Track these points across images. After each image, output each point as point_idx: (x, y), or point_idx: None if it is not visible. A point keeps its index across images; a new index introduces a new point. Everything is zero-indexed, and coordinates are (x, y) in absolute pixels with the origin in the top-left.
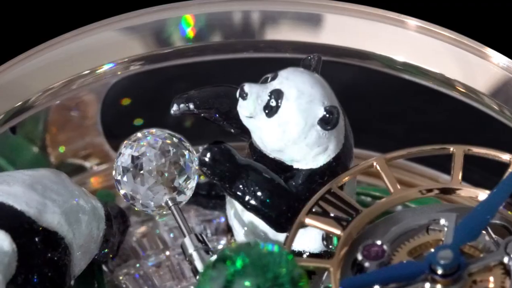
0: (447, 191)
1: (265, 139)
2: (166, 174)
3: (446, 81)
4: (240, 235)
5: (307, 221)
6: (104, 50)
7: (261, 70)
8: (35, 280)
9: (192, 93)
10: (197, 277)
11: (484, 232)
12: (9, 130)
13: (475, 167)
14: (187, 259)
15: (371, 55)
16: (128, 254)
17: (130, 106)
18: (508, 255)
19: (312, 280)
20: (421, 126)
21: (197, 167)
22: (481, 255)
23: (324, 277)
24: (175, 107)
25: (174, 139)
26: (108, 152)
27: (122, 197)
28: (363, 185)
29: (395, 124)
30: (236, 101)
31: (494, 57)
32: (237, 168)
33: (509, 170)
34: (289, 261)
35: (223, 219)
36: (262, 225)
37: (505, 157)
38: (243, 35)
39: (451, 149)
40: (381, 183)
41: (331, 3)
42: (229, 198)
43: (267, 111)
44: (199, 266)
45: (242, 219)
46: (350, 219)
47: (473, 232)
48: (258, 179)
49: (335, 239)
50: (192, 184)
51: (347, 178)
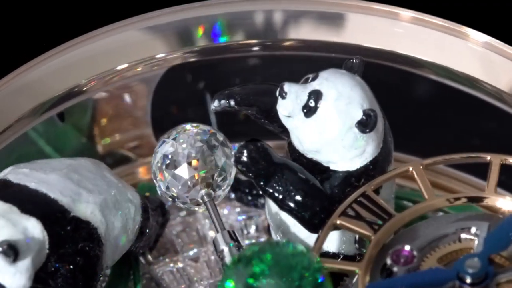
0: (475, 199)
1: (302, 139)
2: (203, 169)
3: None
4: (276, 233)
5: (339, 223)
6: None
7: (311, 70)
8: (65, 269)
9: (234, 90)
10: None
11: None
12: (57, 118)
13: None
14: (218, 255)
15: (399, 56)
16: (167, 247)
17: (180, 98)
18: None
19: (343, 282)
20: (472, 133)
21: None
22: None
23: (354, 280)
24: (216, 103)
25: (214, 134)
26: (155, 144)
27: (158, 190)
28: (407, 189)
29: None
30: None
31: None
32: (272, 167)
33: None
34: (313, 262)
35: (264, 216)
36: (296, 225)
37: None
38: (265, 34)
39: (488, 158)
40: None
41: (354, 2)
42: None
43: (305, 111)
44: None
45: (278, 218)
46: (382, 223)
47: (503, 242)
48: (293, 178)
49: (367, 243)
50: (229, 181)
51: (382, 182)
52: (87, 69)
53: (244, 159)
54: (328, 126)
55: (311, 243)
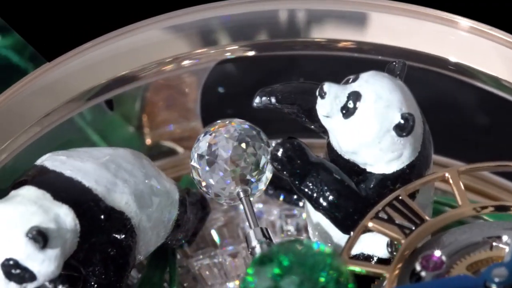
0: (502, 208)
1: (340, 139)
2: (241, 165)
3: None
4: (312, 233)
5: (371, 225)
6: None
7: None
8: (97, 258)
9: (275, 87)
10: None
11: None
12: (106, 107)
13: None
14: (250, 251)
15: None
16: (206, 242)
17: (230, 92)
18: None
19: (373, 285)
20: None
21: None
22: None
23: (385, 284)
24: (257, 100)
25: (253, 131)
26: None
27: (196, 183)
28: (449, 195)
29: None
30: None
31: None
32: (308, 166)
33: None
34: (336, 262)
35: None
36: (332, 225)
37: None
38: (288, 33)
39: None
40: (468, 195)
41: (376, 1)
42: None
43: (344, 112)
44: None
45: (315, 218)
46: (414, 227)
47: None
48: (328, 179)
49: (399, 247)
50: (266, 178)
51: (416, 186)
52: (138, 57)
53: (280, 157)
54: (366, 128)
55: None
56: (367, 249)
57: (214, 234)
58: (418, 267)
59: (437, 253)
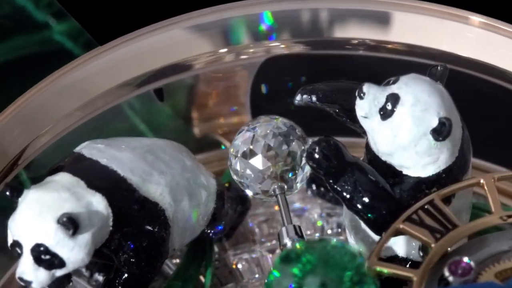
0: None
1: (377, 141)
2: (279, 162)
3: None
4: (349, 233)
5: (402, 227)
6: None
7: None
8: (129, 248)
9: (317, 86)
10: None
11: None
12: (156, 98)
13: None
14: (281, 248)
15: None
16: (245, 236)
17: (279, 89)
18: None
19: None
20: None
21: None
22: None
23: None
24: (298, 98)
25: (293, 128)
26: None
27: (233, 177)
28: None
29: None
30: None
31: None
32: (343, 165)
33: None
34: (360, 263)
35: None
36: (364, 226)
37: None
38: (311, 33)
39: None
40: (509, 202)
41: (400, 1)
42: None
43: (382, 113)
44: None
45: (352, 218)
46: (445, 232)
47: None
48: (362, 179)
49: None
50: (303, 176)
51: (451, 191)
52: (191, 47)
53: (316, 155)
54: (403, 131)
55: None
56: (402, 251)
57: (254, 229)
58: (446, 272)
59: (466, 259)
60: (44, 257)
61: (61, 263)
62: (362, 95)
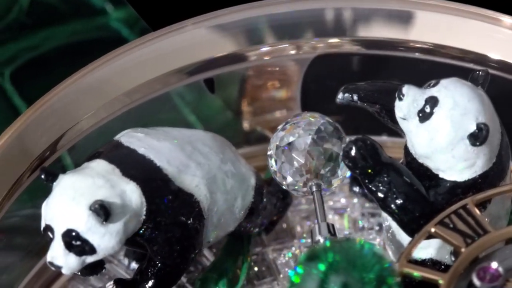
0: None
1: (414, 143)
2: (316, 159)
3: None
4: (387, 234)
5: (434, 231)
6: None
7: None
8: (162, 238)
9: (360, 85)
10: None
11: None
12: (207, 89)
13: None
14: (313, 245)
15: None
16: (286, 232)
17: (331, 85)
18: None
19: None
20: None
21: None
22: None
23: None
24: (340, 96)
25: (334, 127)
26: None
27: (271, 172)
28: None
29: None
30: None
31: None
32: (379, 166)
33: None
34: (385, 265)
35: None
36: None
37: None
38: (334, 32)
39: None
40: None
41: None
42: None
43: (420, 115)
44: None
45: (389, 219)
46: (476, 237)
47: None
48: (398, 181)
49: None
50: (341, 174)
51: (486, 197)
52: (245, 39)
53: (352, 154)
54: (440, 134)
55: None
56: (435, 255)
57: (295, 225)
58: (474, 278)
59: (495, 265)
60: (75, 243)
61: (91, 250)
62: (401, 96)
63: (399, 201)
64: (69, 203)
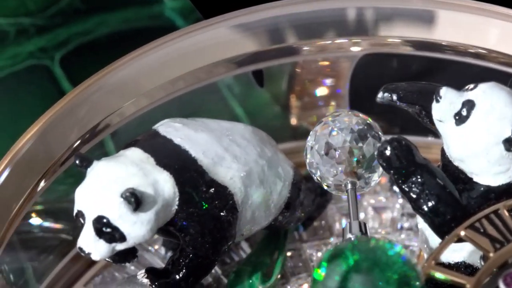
0: None
1: (450, 145)
2: (353, 158)
3: None
4: (422, 235)
5: (464, 234)
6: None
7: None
8: (194, 228)
9: (400, 85)
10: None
11: None
12: (256, 82)
13: None
14: (343, 242)
15: None
16: (324, 229)
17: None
18: None
19: None
20: None
21: None
22: None
23: None
24: (380, 95)
25: (370, 126)
26: None
27: (308, 168)
28: None
29: None
30: None
31: None
32: (412, 167)
33: None
34: (409, 266)
35: None
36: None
37: None
38: (356, 32)
39: None
40: None
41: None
42: None
43: (456, 118)
44: None
45: (421, 220)
46: (506, 243)
47: None
48: (430, 182)
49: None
50: (377, 174)
51: None
52: (297, 32)
53: (387, 154)
54: (475, 138)
55: (447, 249)
56: (468, 258)
57: (334, 222)
58: (501, 283)
59: None
60: (105, 229)
61: (121, 237)
62: (438, 98)
63: (431, 203)
64: (101, 190)
